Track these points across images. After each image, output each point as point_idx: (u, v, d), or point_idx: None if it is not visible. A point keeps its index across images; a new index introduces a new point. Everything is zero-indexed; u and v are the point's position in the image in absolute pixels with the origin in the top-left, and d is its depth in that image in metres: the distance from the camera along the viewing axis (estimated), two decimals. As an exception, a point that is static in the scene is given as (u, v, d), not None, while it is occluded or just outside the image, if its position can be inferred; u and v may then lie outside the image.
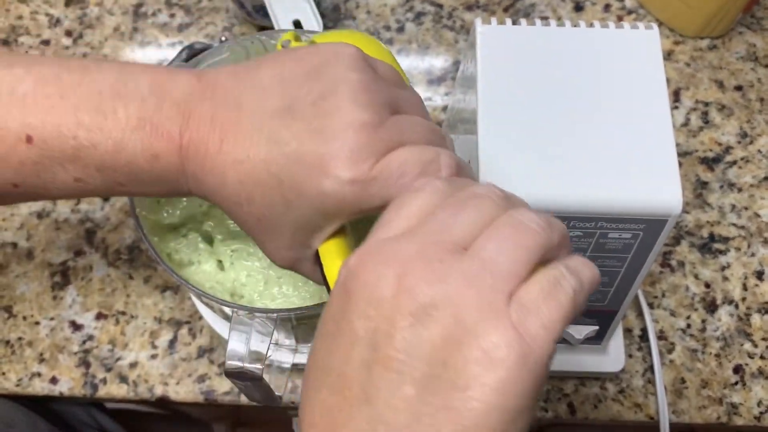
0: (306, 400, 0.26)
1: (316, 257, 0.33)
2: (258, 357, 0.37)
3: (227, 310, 0.41)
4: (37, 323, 0.54)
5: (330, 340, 0.26)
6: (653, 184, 0.36)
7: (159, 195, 0.34)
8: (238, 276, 0.42)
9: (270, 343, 0.37)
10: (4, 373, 0.53)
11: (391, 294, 0.24)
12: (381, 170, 0.29)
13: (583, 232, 0.37)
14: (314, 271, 0.33)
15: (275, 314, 0.37)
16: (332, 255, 0.32)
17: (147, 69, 0.33)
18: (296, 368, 0.47)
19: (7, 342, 0.54)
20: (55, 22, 0.65)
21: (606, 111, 0.38)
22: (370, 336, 0.24)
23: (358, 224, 0.33)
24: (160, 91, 0.32)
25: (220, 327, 0.49)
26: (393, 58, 0.40)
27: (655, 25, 0.40)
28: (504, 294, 0.24)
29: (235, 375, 0.36)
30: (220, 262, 0.42)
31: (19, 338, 0.54)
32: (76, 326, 0.54)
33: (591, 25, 0.40)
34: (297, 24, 0.57)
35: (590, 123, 0.38)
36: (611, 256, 0.39)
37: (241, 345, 0.36)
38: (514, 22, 0.40)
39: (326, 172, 0.29)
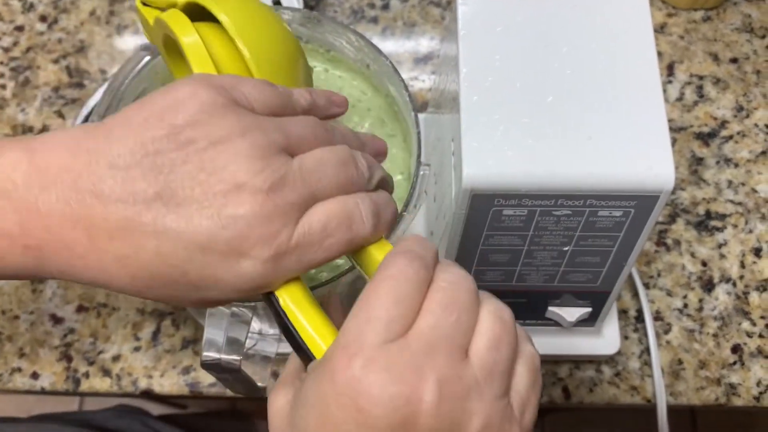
0: None
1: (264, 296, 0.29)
2: (236, 348, 0.35)
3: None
4: (17, 317, 0.53)
5: None
6: (644, 159, 0.35)
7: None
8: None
9: (248, 332, 0.36)
10: (-17, 369, 0.51)
11: (428, 412, 0.24)
12: (302, 237, 0.26)
13: (572, 210, 0.36)
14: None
15: (253, 303, 0.36)
16: (297, 303, 0.28)
17: None
18: (280, 357, 0.46)
19: (-14, 337, 0.52)
20: (29, 7, 0.63)
21: (594, 84, 0.36)
22: None
23: None
24: None
25: (203, 317, 0.48)
26: (284, 27, 0.35)
27: (644, -7, 0.38)
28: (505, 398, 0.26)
29: (213, 367, 0.35)
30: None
31: (-2, 333, 0.52)
32: (56, 320, 0.53)
33: (577, -6, 0.38)
34: (277, 2, 0.55)
35: (577, 96, 0.36)
36: (602, 235, 0.38)
37: (217, 336, 0.35)
38: (498, -6, 0.38)
39: (242, 255, 0.26)
